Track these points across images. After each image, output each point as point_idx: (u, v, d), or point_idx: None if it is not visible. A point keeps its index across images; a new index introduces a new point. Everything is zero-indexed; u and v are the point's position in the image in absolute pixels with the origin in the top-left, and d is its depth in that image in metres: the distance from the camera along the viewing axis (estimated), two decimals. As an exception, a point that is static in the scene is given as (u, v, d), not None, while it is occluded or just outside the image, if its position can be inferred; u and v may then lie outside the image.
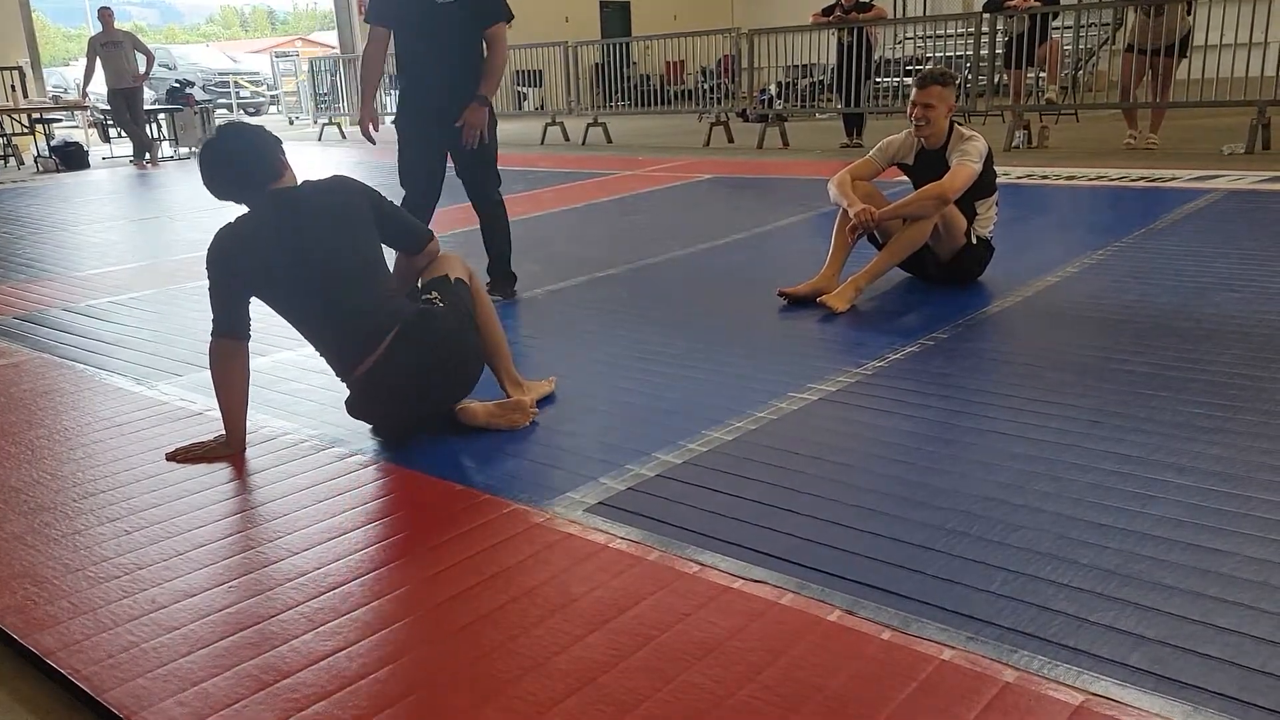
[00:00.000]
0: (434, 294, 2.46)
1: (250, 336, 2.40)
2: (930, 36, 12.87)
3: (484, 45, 3.71)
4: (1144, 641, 1.48)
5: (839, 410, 2.53)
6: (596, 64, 12.21)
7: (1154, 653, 1.45)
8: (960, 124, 3.64)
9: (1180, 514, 1.87)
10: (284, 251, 2.35)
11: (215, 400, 2.43)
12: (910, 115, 3.57)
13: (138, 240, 6.09)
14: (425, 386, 2.40)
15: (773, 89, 10.85)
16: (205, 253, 2.38)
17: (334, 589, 1.75)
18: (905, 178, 3.78)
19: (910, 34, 13.15)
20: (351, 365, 2.38)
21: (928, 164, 3.59)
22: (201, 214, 6.98)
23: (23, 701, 1.54)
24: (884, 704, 1.37)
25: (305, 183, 2.45)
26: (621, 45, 12.04)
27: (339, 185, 2.50)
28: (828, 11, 9.14)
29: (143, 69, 10.56)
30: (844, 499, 2.01)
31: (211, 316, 2.36)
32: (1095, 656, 1.45)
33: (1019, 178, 6.35)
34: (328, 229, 2.39)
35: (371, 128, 3.77)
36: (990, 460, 2.17)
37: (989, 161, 3.53)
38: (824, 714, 1.36)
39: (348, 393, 2.45)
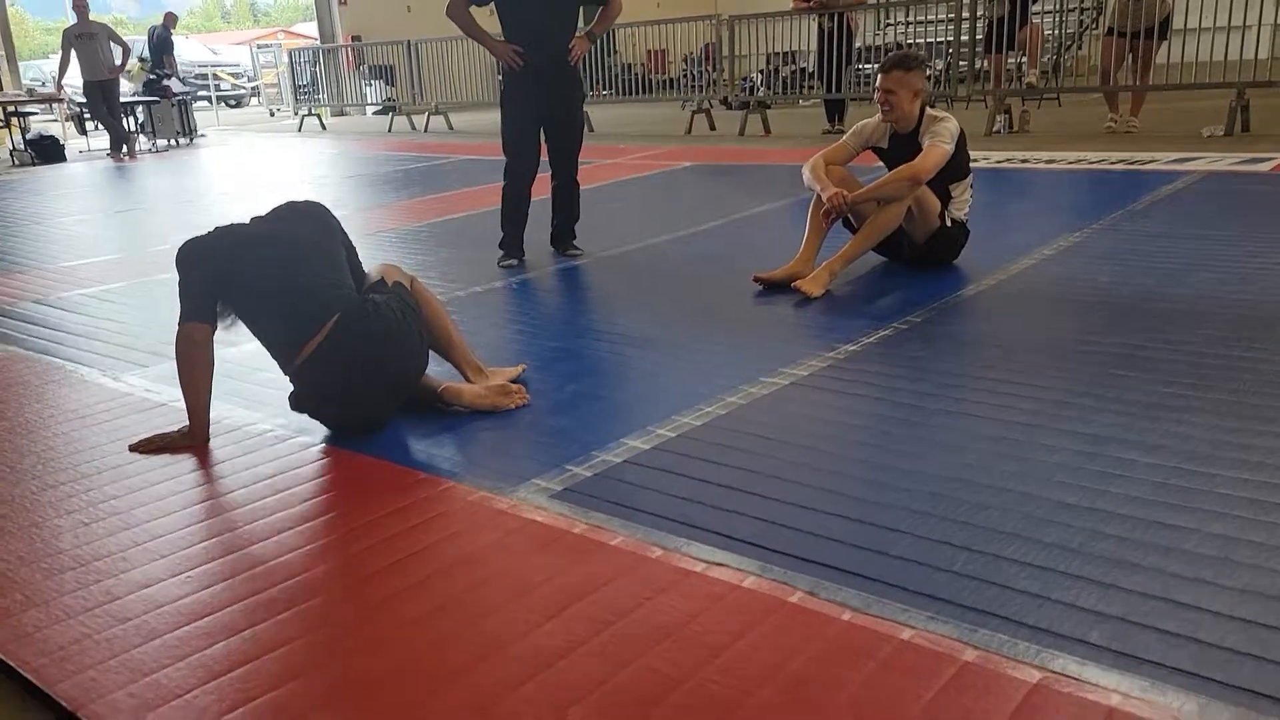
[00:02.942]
0: (374, 295, 2.44)
1: (217, 325, 2.37)
2: (912, 23, 12.83)
3: (581, 17, 4.24)
4: (1104, 619, 1.47)
5: (809, 394, 2.51)
6: (578, 53, 12.13)
7: (1113, 629, 1.44)
8: (932, 107, 3.62)
9: (1145, 492, 1.86)
10: (253, 245, 2.40)
11: (180, 392, 2.40)
12: (876, 101, 3.56)
13: (111, 233, 6.02)
14: (366, 375, 2.35)
15: (756, 77, 10.81)
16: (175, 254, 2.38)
17: (291, 578, 1.73)
18: (881, 163, 3.76)
19: (891, 20, 13.12)
20: (295, 351, 2.34)
21: (901, 147, 3.58)
22: (176, 206, 6.92)
23: (-29, 695, 1.51)
24: (843, 684, 1.36)
25: (286, 202, 2.59)
26: (603, 33, 11.96)
27: (316, 205, 2.61)
28: (809, -4, 9.10)
29: (119, 61, 10.45)
30: (810, 482, 1.99)
31: (180, 307, 2.34)
32: (1055, 634, 1.44)
33: (998, 162, 6.34)
34: (299, 225, 2.48)
35: (512, 55, 4.06)
36: (958, 442, 2.16)
37: (961, 142, 3.52)
38: (782, 695, 1.35)
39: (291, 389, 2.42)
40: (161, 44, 12.59)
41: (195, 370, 2.34)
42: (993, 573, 1.61)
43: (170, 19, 12.97)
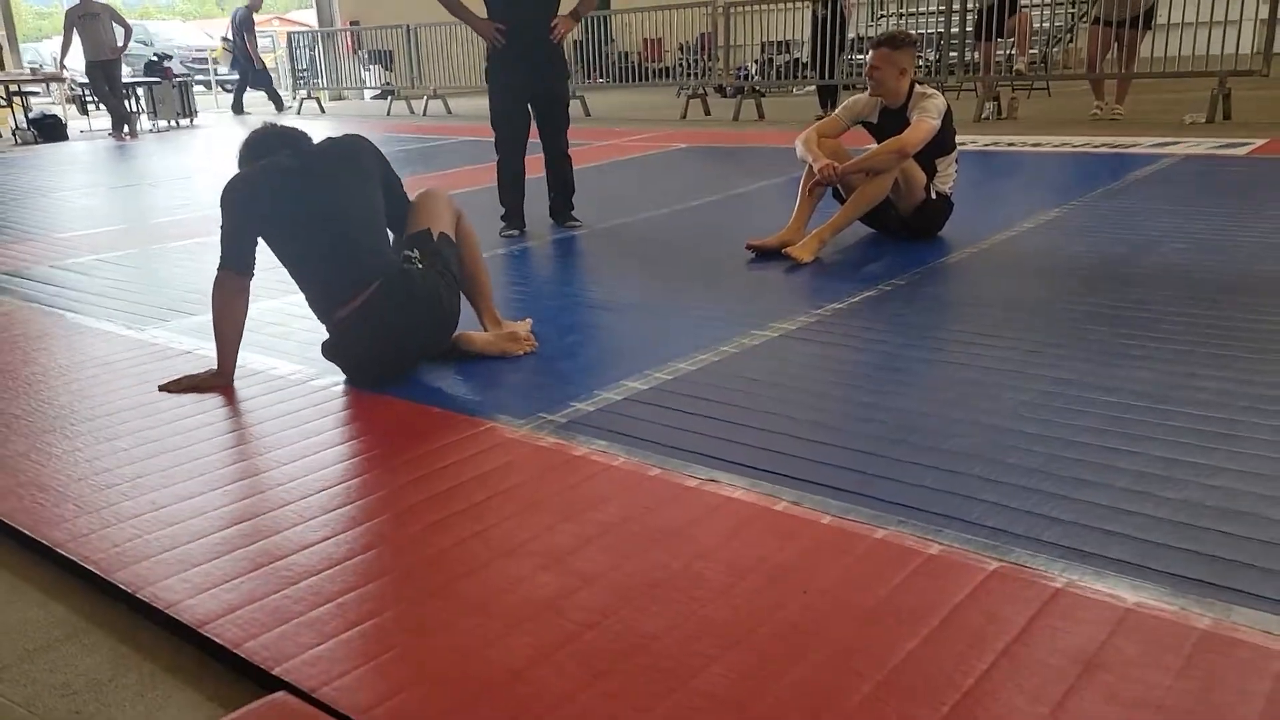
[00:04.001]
0: (415, 251, 2.55)
1: (253, 274, 2.51)
2: (905, 14, 12.99)
3: None
4: (1058, 522, 1.64)
5: (797, 345, 2.68)
6: (576, 41, 12.28)
7: (1064, 530, 1.62)
8: (920, 84, 3.79)
9: (1103, 424, 2.03)
10: (295, 190, 2.48)
11: (205, 342, 2.57)
12: (865, 76, 3.73)
13: (118, 205, 6.15)
14: (397, 342, 2.49)
15: (751, 66, 10.96)
16: (219, 195, 2.50)
17: (322, 490, 1.89)
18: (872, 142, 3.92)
19: (885, 11, 13.27)
20: (333, 309, 2.49)
21: (890, 121, 3.74)
22: (180, 182, 7.05)
23: (34, 584, 1.67)
24: (821, 572, 1.53)
25: (326, 139, 2.64)
26: (601, 19, 12.09)
27: (355, 140, 2.68)
28: (803, -16, 9.27)
29: (120, 42, 10.54)
30: (797, 415, 2.16)
31: (220, 251, 2.48)
32: (1012, 534, 1.61)
33: (986, 145, 6.51)
34: (340, 174, 2.55)
35: (494, 32, 4.20)
36: (933, 384, 2.33)
37: (948, 118, 3.69)
38: (767, 580, 1.52)
39: (327, 335, 2.57)
40: (244, 25, 13.09)
41: (229, 312, 2.48)
42: (959, 486, 1.78)
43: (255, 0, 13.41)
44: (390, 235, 2.67)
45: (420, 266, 2.51)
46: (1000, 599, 1.44)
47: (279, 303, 3.25)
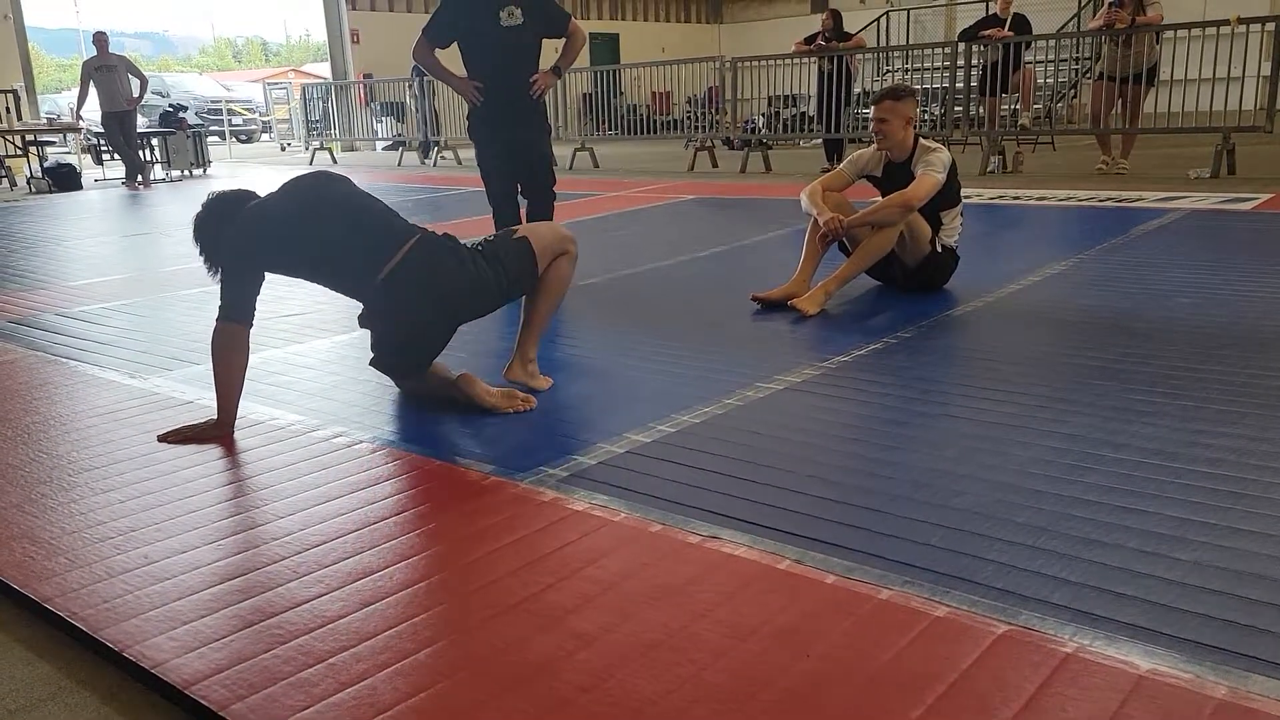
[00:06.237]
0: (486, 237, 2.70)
1: (253, 324, 2.52)
2: (911, 70, 13.17)
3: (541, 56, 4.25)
4: (1066, 584, 1.60)
5: (802, 398, 2.66)
6: (586, 93, 12.46)
7: (1074, 592, 1.57)
8: (924, 138, 3.81)
9: (1112, 482, 1.99)
10: (302, 206, 2.56)
11: (206, 392, 2.56)
12: (871, 130, 3.75)
13: (128, 254, 6.20)
14: (438, 297, 2.54)
15: (758, 119, 11.10)
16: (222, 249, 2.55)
17: (318, 545, 1.86)
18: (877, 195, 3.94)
19: (890, 67, 13.46)
20: (374, 272, 2.51)
21: (895, 175, 3.75)
22: (190, 231, 7.10)
23: (21, 641, 1.64)
24: (824, 634, 1.49)
25: (290, 179, 2.69)
26: (610, 73, 12.27)
27: (322, 171, 2.77)
28: (809, 40, 9.41)
29: (136, 93, 10.72)
30: (801, 471, 2.13)
31: (220, 303, 2.49)
32: (1021, 596, 1.57)
33: (991, 198, 6.54)
34: (329, 186, 2.65)
35: (473, 90, 4.18)
36: (940, 439, 2.30)
37: (953, 172, 3.70)
38: (769, 643, 1.47)
39: (360, 309, 2.66)
40: (418, 74, 13.44)
41: (229, 363, 2.49)
42: (966, 546, 1.74)
43: None
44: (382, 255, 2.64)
45: (465, 241, 2.65)
46: (1008, 664, 1.39)
47: (282, 352, 3.25)
